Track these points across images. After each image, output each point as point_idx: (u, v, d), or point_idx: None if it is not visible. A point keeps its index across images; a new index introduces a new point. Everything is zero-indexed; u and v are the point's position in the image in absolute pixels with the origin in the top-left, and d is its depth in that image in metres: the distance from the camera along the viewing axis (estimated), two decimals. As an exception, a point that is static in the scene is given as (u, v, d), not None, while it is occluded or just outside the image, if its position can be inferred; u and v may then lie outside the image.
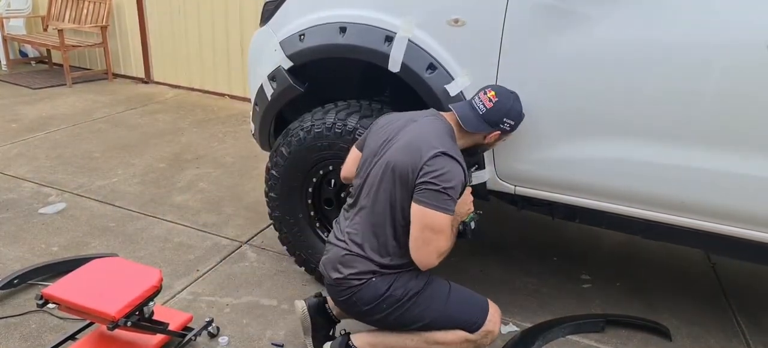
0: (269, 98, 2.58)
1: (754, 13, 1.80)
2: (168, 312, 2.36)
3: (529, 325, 2.50)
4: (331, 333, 2.25)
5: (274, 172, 2.59)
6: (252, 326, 2.43)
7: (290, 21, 2.52)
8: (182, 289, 2.67)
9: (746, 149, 1.88)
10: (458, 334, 1.97)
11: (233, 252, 3.02)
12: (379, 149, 2.00)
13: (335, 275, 1.96)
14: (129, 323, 1.99)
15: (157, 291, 2.10)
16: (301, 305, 2.22)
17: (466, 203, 2.02)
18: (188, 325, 2.32)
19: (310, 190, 2.58)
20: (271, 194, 2.64)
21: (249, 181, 3.94)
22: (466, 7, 2.14)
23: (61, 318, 2.41)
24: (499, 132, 2.04)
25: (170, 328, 2.19)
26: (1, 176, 3.89)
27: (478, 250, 3.13)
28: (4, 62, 7.07)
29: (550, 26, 2.03)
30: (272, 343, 2.34)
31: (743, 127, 1.87)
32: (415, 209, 1.85)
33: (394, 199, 1.90)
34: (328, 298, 2.21)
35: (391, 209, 1.91)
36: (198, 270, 2.84)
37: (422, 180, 1.84)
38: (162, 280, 2.13)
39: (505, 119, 2.02)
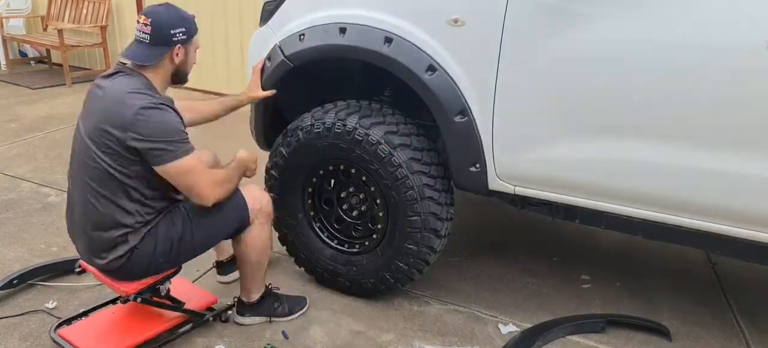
0: (265, 77, 2.59)
1: (754, 13, 1.80)
2: (196, 292, 2.48)
3: (529, 325, 2.50)
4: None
5: (273, 173, 2.59)
6: (252, 327, 2.43)
7: (290, 21, 2.53)
8: (182, 290, 2.67)
9: (746, 149, 1.88)
10: (253, 232, 2.21)
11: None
12: (78, 128, 2.04)
13: (99, 263, 2.04)
14: (139, 299, 2.12)
15: (174, 272, 2.21)
16: None
17: (252, 157, 2.24)
18: (212, 306, 2.43)
19: (310, 190, 2.58)
20: (271, 194, 2.63)
21: (249, 181, 3.93)
22: (466, 7, 2.14)
23: (60, 319, 2.41)
24: (179, 45, 2.03)
25: (189, 307, 2.32)
26: (1, 176, 3.89)
27: (479, 250, 3.13)
28: (3, 62, 7.07)
29: (550, 26, 2.02)
30: (282, 331, 2.38)
31: (743, 127, 1.87)
32: (162, 171, 1.94)
33: (113, 168, 1.93)
34: None
35: (113, 179, 1.94)
36: (198, 270, 2.83)
37: (142, 145, 1.90)
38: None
39: (172, 31, 1.99)
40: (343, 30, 2.33)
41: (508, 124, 2.18)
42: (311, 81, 2.70)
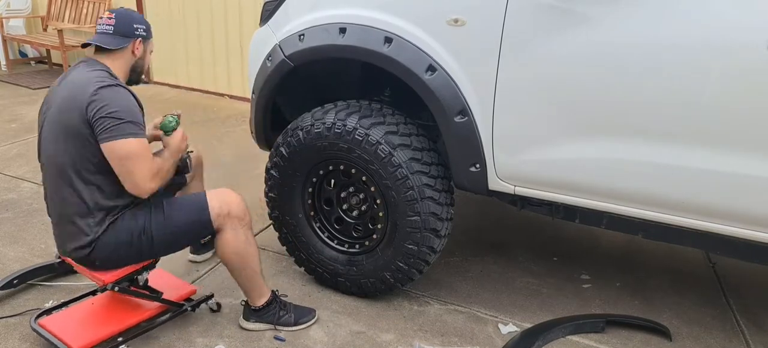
0: (265, 78, 2.59)
1: (754, 13, 1.80)
2: (175, 282, 2.54)
3: (529, 325, 2.50)
4: None
5: (273, 173, 2.59)
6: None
7: (290, 21, 2.53)
8: (182, 290, 2.67)
9: (746, 149, 1.88)
10: (223, 238, 2.19)
11: (233, 252, 3.02)
12: (42, 121, 2.13)
13: (68, 252, 2.13)
14: (116, 288, 2.18)
15: (151, 264, 2.27)
16: None
17: (183, 140, 2.24)
18: (191, 297, 2.49)
19: (310, 190, 2.58)
20: (271, 194, 2.64)
21: (248, 181, 3.93)
22: (466, 7, 2.14)
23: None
24: (139, 39, 2.18)
25: (168, 297, 2.37)
26: (1, 176, 3.89)
27: (479, 250, 3.13)
28: (3, 62, 7.07)
29: (550, 26, 2.02)
30: (275, 337, 2.36)
31: (743, 127, 1.87)
32: (105, 148, 1.96)
33: (75, 155, 2.00)
34: None
35: (75, 166, 2.01)
36: (198, 270, 2.83)
37: (95, 119, 1.94)
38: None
39: (134, 25, 2.17)
40: (343, 30, 2.33)
41: (508, 124, 2.18)
42: (311, 81, 2.71)
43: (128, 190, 2.02)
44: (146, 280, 2.33)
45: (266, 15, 2.67)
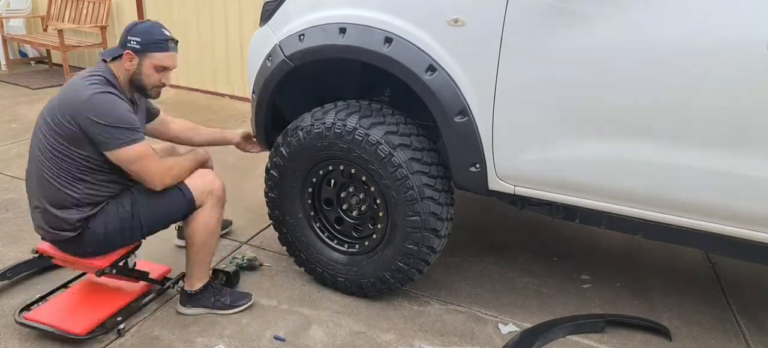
0: (265, 78, 2.59)
1: (754, 13, 1.80)
2: (149, 264, 2.65)
3: (529, 325, 2.50)
4: None
5: (273, 173, 2.59)
6: (252, 326, 2.43)
7: (290, 21, 2.52)
8: (182, 290, 2.67)
9: (746, 149, 1.88)
10: (201, 214, 2.31)
11: (233, 252, 3.02)
12: (41, 114, 2.19)
13: (51, 237, 2.21)
14: (114, 271, 2.32)
15: (137, 246, 2.40)
16: None
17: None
18: (167, 276, 2.64)
19: (310, 190, 2.58)
20: (271, 194, 2.64)
21: (249, 181, 3.94)
22: (466, 7, 2.14)
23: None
24: (130, 52, 2.16)
25: (151, 276, 2.54)
26: (1, 176, 3.89)
27: (479, 251, 3.13)
28: (3, 62, 7.07)
29: (550, 26, 2.02)
30: (275, 336, 2.36)
31: (743, 127, 1.87)
32: (113, 156, 2.09)
33: (62, 152, 2.09)
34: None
35: (61, 163, 2.10)
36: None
37: (93, 129, 2.04)
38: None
39: (129, 37, 2.17)
40: (343, 30, 2.33)
41: (508, 124, 2.18)
42: (311, 81, 2.71)
43: (145, 185, 2.19)
44: (135, 263, 2.51)
45: (266, 15, 2.67)
